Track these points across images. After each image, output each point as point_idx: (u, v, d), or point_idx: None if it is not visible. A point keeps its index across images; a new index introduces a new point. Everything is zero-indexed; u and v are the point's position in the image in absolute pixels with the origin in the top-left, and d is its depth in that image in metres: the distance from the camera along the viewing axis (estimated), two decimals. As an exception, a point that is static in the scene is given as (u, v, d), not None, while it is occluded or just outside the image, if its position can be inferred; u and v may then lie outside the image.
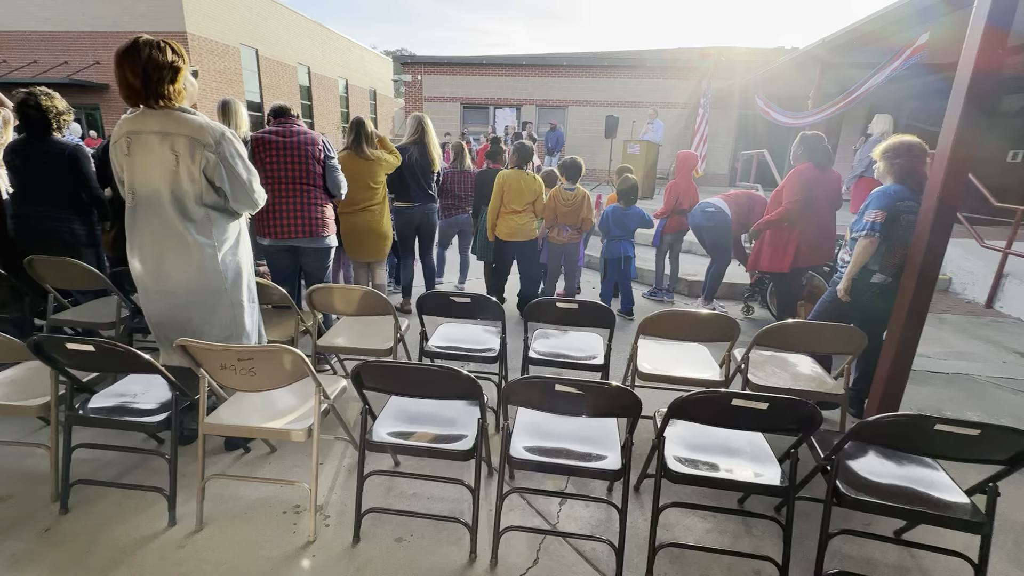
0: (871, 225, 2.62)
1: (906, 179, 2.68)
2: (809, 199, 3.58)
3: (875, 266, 2.70)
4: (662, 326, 2.46)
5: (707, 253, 4.72)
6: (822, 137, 3.69)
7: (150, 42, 1.85)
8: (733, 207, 4.37)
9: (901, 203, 2.60)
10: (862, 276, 2.72)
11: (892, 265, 2.65)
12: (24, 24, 15.88)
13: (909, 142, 2.70)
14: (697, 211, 4.55)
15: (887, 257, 2.66)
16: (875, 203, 2.65)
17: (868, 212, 2.67)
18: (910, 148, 2.68)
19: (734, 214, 4.34)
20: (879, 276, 2.68)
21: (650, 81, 14.58)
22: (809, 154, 3.67)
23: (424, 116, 4.10)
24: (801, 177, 3.61)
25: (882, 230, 2.59)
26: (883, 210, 2.60)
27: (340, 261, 4.33)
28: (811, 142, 3.67)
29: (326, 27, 22.28)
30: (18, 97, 2.82)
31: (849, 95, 6.83)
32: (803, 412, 1.52)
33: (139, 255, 2.01)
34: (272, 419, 1.88)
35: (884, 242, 2.64)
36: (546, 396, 1.63)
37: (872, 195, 2.72)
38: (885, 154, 2.74)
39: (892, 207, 2.60)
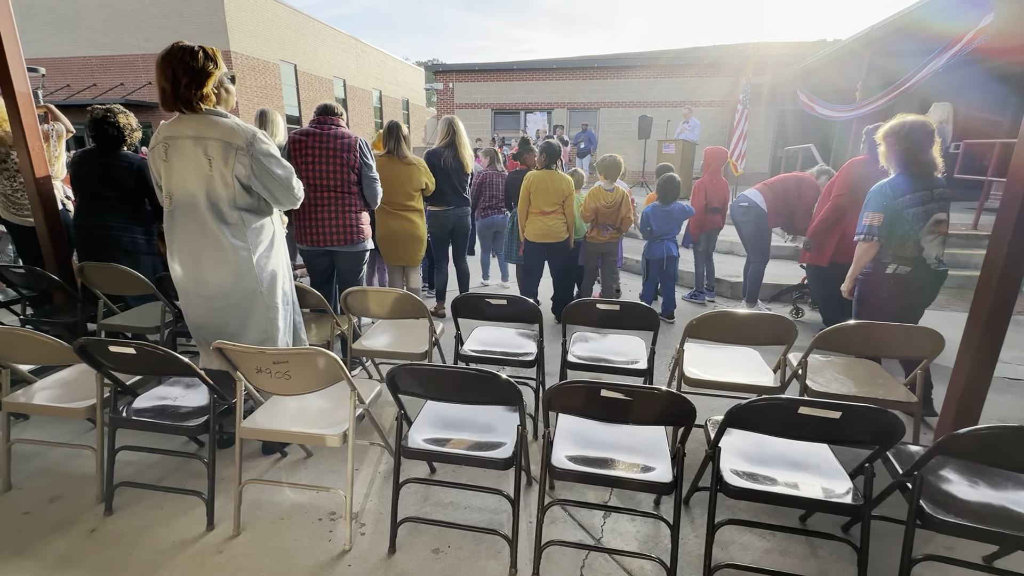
0: (868, 228, 2.52)
1: (909, 167, 2.47)
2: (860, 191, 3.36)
3: (887, 259, 2.56)
4: (710, 328, 2.30)
5: (745, 250, 4.50)
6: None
7: (185, 47, 1.86)
8: (770, 197, 4.13)
9: (900, 200, 2.45)
10: (876, 268, 2.60)
11: (906, 258, 2.51)
12: (85, 50, 17.01)
13: (912, 123, 2.48)
14: (734, 206, 4.36)
15: (898, 251, 2.53)
16: (872, 204, 2.52)
17: (866, 214, 2.54)
18: (911, 131, 2.47)
19: (771, 204, 4.10)
20: (892, 266, 2.54)
21: (684, 80, 14.25)
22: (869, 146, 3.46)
23: (455, 119, 4.07)
24: (852, 169, 3.40)
25: (880, 232, 2.50)
26: (880, 212, 2.47)
27: (375, 265, 4.35)
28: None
29: (361, 41, 22.90)
30: (98, 114, 3.00)
31: (902, 84, 6.42)
32: (882, 423, 1.36)
33: (178, 259, 2.03)
34: (307, 424, 1.84)
35: (892, 239, 2.51)
36: (591, 402, 1.52)
37: (870, 194, 2.56)
38: (886, 138, 2.55)
39: (891, 207, 2.46)
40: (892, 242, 2.53)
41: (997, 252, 2.12)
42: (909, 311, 2.60)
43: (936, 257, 2.51)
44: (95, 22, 16.64)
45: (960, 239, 5.78)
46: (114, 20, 16.47)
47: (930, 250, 2.49)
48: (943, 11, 6.00)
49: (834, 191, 3.45)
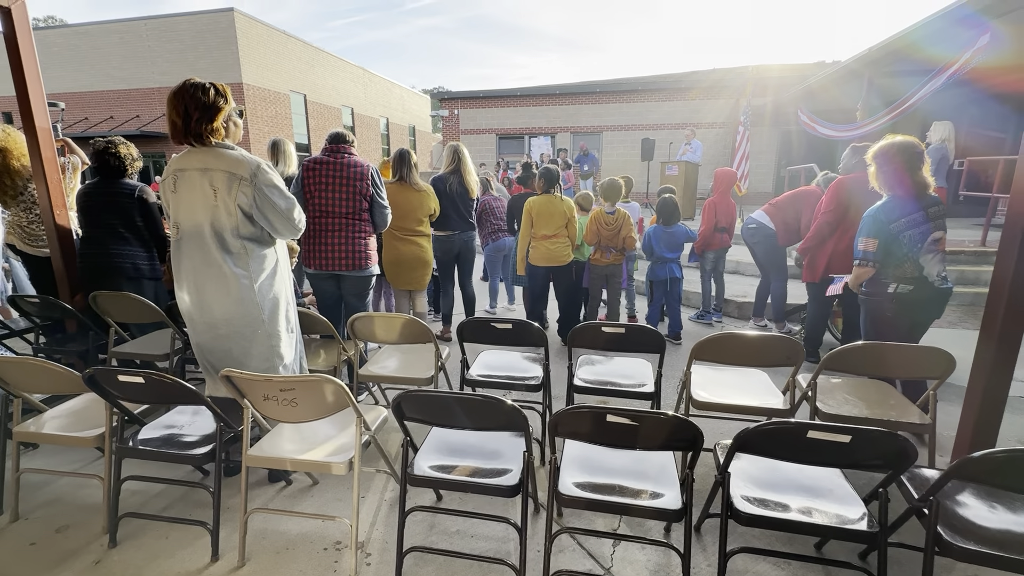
0: (864, 254, 2.55)
1: (898, 186, 2.49)
2: (850, 208, 3.43)
3: (888, 279, 2.56)
4: (717, 350, 2.29)
5: (760, 271, 4.50)
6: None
7: (196, 84, 1.93)
8: (777, 216, 4.16)
9: (894, 224, 2.47)
10: (878, 288, 2.60)
11: (907, 277, 2.52)
12: (103, 84, 17.63)
13: (901, 143, 2.51)
14: (743, 229, 4.39)
15: (898, 271, 2.53)
16: (866, 230, 2.54)
17: (860, 239, 2.57)
18: (900, 152, 2.49)
19: (779, 223, 4.13)
20: (893, 286, 2.54)
21: (685, 102, 14.46)
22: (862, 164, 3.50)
23: (460, 145, 4.15)
24: (840, 188, 3.48)
25: (876, 258, 2.52)
26: (874, 237, 2.50)
27: (381, 289, 4.38)
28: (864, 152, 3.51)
29: (368, 71, 23.54)
30: (99, 145, 3.11)
31: (903, 103, 6.48)
32: (893, 446, 1.34)
33: (184, 287, 2.07)
34: (313, 451, 1.84)
35: (891, 261, 2.53)
36: (597, 428, 1.51)
37: (864, 220, 2.59)
38: (876, 158, 2.58)
39: (884, 232, 2.48)
40: (891, 264, 2.53)
41: (1005, 268, 2.10)
42: (917, 329, 2.58)
43: (938, 274, 2.50)
44: (113, 57, 17.28)
45: (969, 256, 5.74)
46: (131, 55, 17.10)
47: (930, 268, 2.48)
48: (939, 32, 6.09)
49: (822, 208, 3.50)
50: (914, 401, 2.23)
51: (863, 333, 2.79)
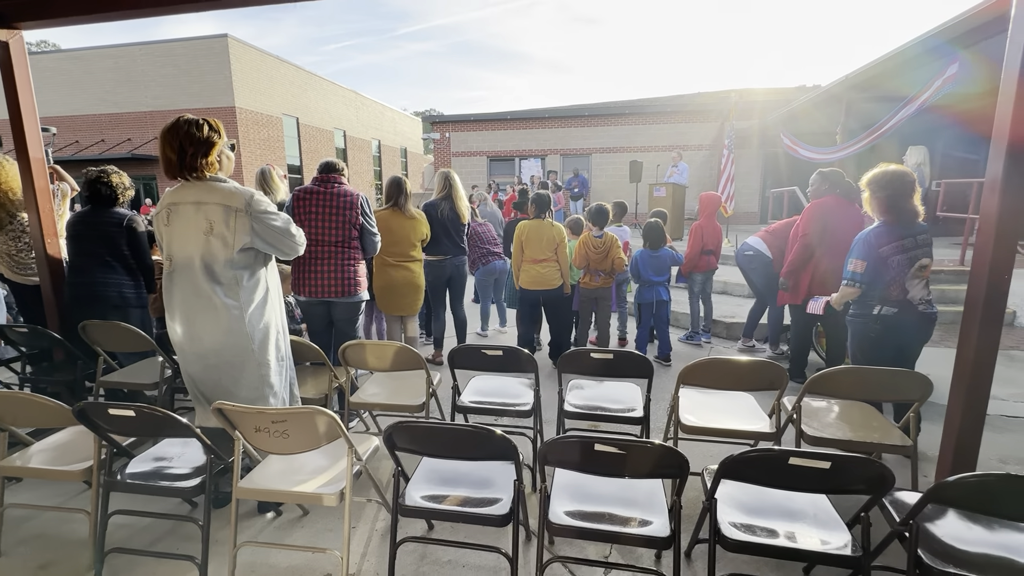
0: (852, 275, 2.64)
1: (888, 212, 2.60)
2: (825, 231, 3.56)
3: (873, 300, 2.65)
4: (703, 375, 2.33)
5: (756, 295, 4.59)
6: (842, 173, 3.74)
7: (190, 120, 1.99)
8: (774, 243, 4.27)
9: (884, 248, 2.56)
10: (864, 309, 2.68)
11: (892, 299, 2.60)
12: (95, 108, 17.69)
13: (894, 172, 2.63)
14: (739, 255, 4.49)
15: (884, 292, 2.61)
16: (856, 252, 2.64)
17: (850, 260, 2.66)
18: (892, 180, 2.61)
19: (775, 250, 4.24)
20: (878, 308, 2.62)
21: (671, 126, 14.81)
22: (833, 187, 3.70)
23: (451, 172, 4.24)
24: (817, 210, 3.61)
25: (863, 279, 2.61)
26: (863, 260, 2.59)
27: (373, 314, 4.40)
28: (834, 176, 3.72)
29: (360, 94, 23.88)
30: (92, 175, 3.13)
31: (879, 128, 6.72)
32: (871, 472, 1.38)
33: (175, 317, 2.08)
34: (304, 482, 1.84)
35: (878, 284, 2.61)
36: (585, 456, 1.54)
37: (855, 242, 2.68)
38: (870, 184, 2.68)
39: (873, 255, 2.57)
40: (878, 287, 2.62)
41: (977, 288, 2.18)
42: (904, 351, 2.65)
43: (921, 299, 2.58)
44: (106, 82, 17.39)
45: (949, 275, 5.89)
46: (124, 80, 17.23)
47: (915, 292, 2.56)
48: (912, 61, 6.36)
49: (800, 232, 3.61)
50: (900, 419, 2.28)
51: (850, 355, 2.85)
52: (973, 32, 5.26)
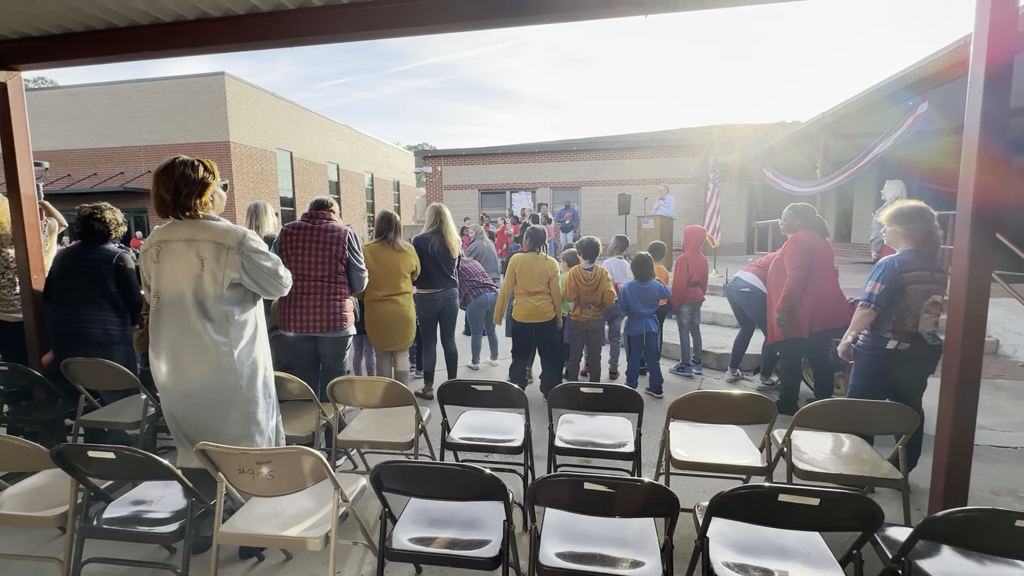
0: (869, 296, 2.65)
1: (923, 246, 2.65)
2: (812, 264, 3.63)
3: (887, 333, 2.67)
4: (693, 409, 2.34)
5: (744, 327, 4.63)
6: (813, 208, 3.85)
7: (185, 161, 2.03)
8: (764, 277, 4.34)
9: (907, 275, 2.59)
10: (876, 343, 2.69)
11: (905, 333, 2.62)
12: (89, 143, 17.84)
13: (919, 206, 2.71)
14: (732, 290, 4.55)
15: (898, 325, 2.64)
16: (877, 275, 2.67)
17: (870, 282, 2.69)
18: (922, 212, 2.69)
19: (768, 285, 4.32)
20: (893, 343, 2.65)
21: (658, 160, 15.23)
22: (806, 222, 3.79)
23: (442, 206, 4.30)
24: (801, 244, 3.68)
25: (880, 302, 2.62)
26: (883, 283, 2.61)
27: (363, 348, 4.37)
28: (805, 212, 3.82)
29: (354, 129, 24.36)
30: (85, 211, 3.13)
31: (856, 163, 6.97)
32: (860, 508, 1.38)
33: (161, 356, 2.06)
34: (288, 525, 1.79)
35: (893, 312, 2.63)
36: (575, 495, 1.52)
37: (879, 266, 2.72)
38: (898, 219, 2.74)
39: (895, 280, 2.60)
40: (893, 314, 2.63)
41: (955, 320, 2.23)
42: (911, 384, 2.69)
43: (929, 332, 2.63)
44: (102, 117, 17.61)
45: (934, 304, 5.99)
46: (120, 115, 17.45)
47: (924, 326, 2.61)
48: (884, 101, 6.68)
49: (788, 266, 3.67)
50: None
51: (850, 387, 2.85)
52: (936, 76, 5.55)
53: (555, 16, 2.51)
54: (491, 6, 2.51)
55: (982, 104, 2.15)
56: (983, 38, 2.15)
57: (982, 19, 2.16)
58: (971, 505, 2.34)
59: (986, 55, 2.14)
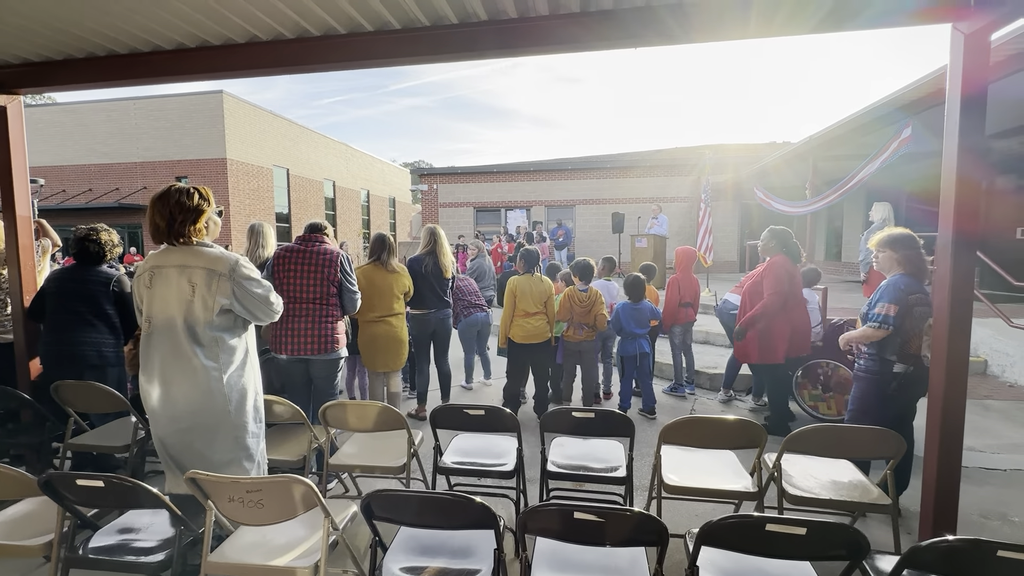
0: (883, 318, 2.66)
1: (915, 271, 2.71)
2: (789, 289, 3.70)
3: (893, 356, 2.69)
4: (685, 433, 2.35)
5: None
6: (790, 232, 3.92)
7: (181, 189, 2.06)
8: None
9: (912, 296, 2.63)
10: (882, 367, 2.71)
11: (910, 355, 2.65)
12: (85, 159, 17.88)
13: (908, 232, 2.78)
14: (723, 312, 4.60)
15: (903, 348, 2.67)
16: (888, 296, 2.68)
17: (880, 304, 2.70)
18: (913, 238, 2.76)
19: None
20: (900, 366, 2.67)
21: (651, 179, 15.43)
22: (782, 247, 3.85)
23: (437, 228, 4.35)
24: (781, 268, 3.74)
25: (895, 323, 2.63)
26: (895, 304, 2.63)
27: (355, 369, 4.36)
28: (783, 236, 3.88)
29: (351, 146, 24.57)
30: (81, 232, 3.13)
31: (844, 185, 7.10)
32: (847, 538, 1.39)
33: (152, 380, 2.06)
34: (277, 555, 1.77)
35: (899, 334, 2.66)
36: (565, 525, 1.53)
37: (884, 287, 2.74)
38: (891, 245, 2.78)
39: (904, 301, 2.63)
40: (899, 337, 2.65)
41: (939, 339, 2.27)
42: (910, 405, 2.74)
43: (924, 354, 2.68)
44: (99, 134, 17.68)
45: (921, 324, 6.07)
46: (117, 132, 17.53)
47: (924, 348, 2.66)
48: (870, 124, 6.84)
49: (768, 289, 3.72)
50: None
51: (849, 411, 2.87)
52: (920, 101, 5.72)
53: (548, 48, 2.60)
54: (483, 39, 2.59)
55: (959, 133, 2.23)
56: (958, 72, 2.24)
57: (956, 53, 2.26)
58: (960, 530, 2.37)
59: (961, 87, 2.22)
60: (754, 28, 2.43)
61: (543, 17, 2.53)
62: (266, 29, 2.67)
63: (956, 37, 2.25)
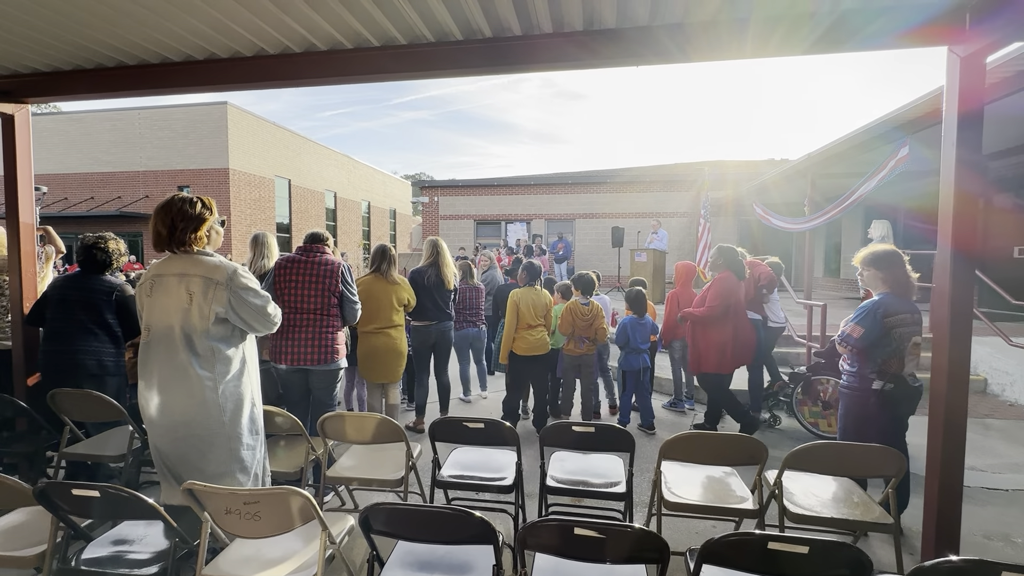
0: (845, 336, 2.73)
1: (900, 288, 2.73)
2: (730, 304, 3.92)
3: (872, 375, 2.71)
4: (685, 449, 2.34)
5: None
6: (736, 250, 4.15)
7: (184, 198, 2.07)
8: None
9: (890, 319, 2.65)
10: (862, 384, 2.73)
11: (890, 374, 2.66)
12: (88, 167, 17.98)
13: (888, 249, 2.81)
14: None
15: (883, 367, 2.68)
16: (858, 318, 2.72)
17: (850, 323, 2.75)
18: (897, 255, 2.78)
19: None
20: (879, 383, 2.68)
21: (651, 194, 15.54)
22: (728, 264, 4.07)
23: (439, 240, 4.37)
24: (724, 284, 3.95)
25: (856, 345, 2.68)
26: (863, 328, 2.67)
27: (354, 380, 4.34)
28: (729, 254, 4.11)
29: (352, 158, 24.76)
30: (89, 240, 3.11)
31: (842, 202, 7.15)
32: (849, 557, 1.38)
33: (150, 388, 2.06)
34: (272, 568, 1.75)
35: (878, 355, 2.68)
36: (565, 541, 1.51)
37: (861, 309, 2.77)
38: (876, 264, 2.79)
39: (878, 325, 2.65)
40: (879, 357, 2.67)
41: (940, 359, 2.27)
42: (895, 423, 2.72)
43: (911, 374, 2.68)
44: (102, 143, 17.80)
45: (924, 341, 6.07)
46: (121, 141, 17.65)
47: (908, 368, 2.66)
48: (868, 143, 6.91)
49: (710, 300, 3.96)
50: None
51: (839, 428, 2.87)
52: (918, 120, 5.79)
53: (551, 65, 2.64)
54: (487, 56, 2.63)
55: (956, 154, 2.26)
56: (954, 93, 2.28)
57: (952, 75, 2.30)
58: (963, 550, 2.35)
59: (957, 109, 2.26)
60: (751, 49, 2.48)
61: (546, 35, 2.57)
62: (274, 43, 2.72)
63: (952, 60, 2.29)
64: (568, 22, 2.48)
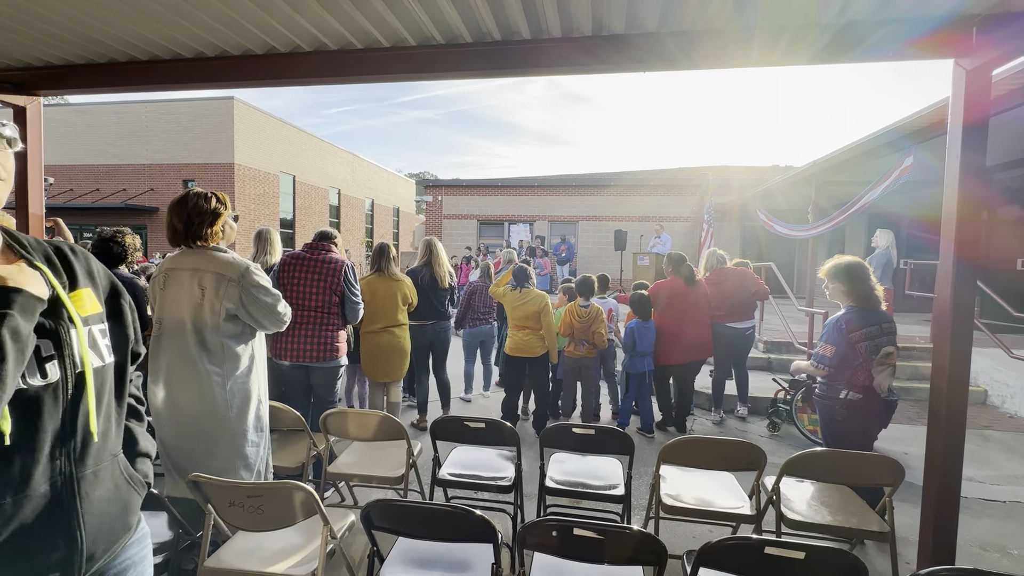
0: (820, 358, 2.76)
1: (857, 299, 2.74)
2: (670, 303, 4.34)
3: (839, 384, 2.72)
4: (684, 453, 2.36)
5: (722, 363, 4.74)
6: (684, 257, 4.50)
7: (199, 194, 2.10)
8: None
9: (854, 334, 2.66)
10: (831, 392, 2.75)
11: (859, 385, 2.67)
12: (94, 159, 18.05)
13: (853, 261, 2.81)
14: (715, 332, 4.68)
15: (851, 379, 2.69)
16: (827, 337, 2.74)
17: (821, 343, 2.78)
18: (861, 267, 2.77)
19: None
20: (844, 392, 2.70)
21: (654, 198, 15.55)
22: (676, 270, 4.41)
23: (434, 239, 4.39)
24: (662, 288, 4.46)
25: (831, 364, 2.70)
26: (833, 345, 2.69)
27: (355, 378, 4.36)
28: (676, 260, 4.47)
29: (357, 155, 24.80)
30: (107, 234, 3.18)
31: (846, 210, 7.16)
32: (846, 564, 1.39)
33: (158, 382, 2.09)
34: (274, 561, 1.77)
35: (845, 368, 2.69)
36: (564, 541, 1.53)
37: (827, 327, 2.79)
38: (838, 278, 2.79)
39: (844, 341, 2.67)
40: (845, 372, 2.70)
41: (940, 367, 2.28)
42: (868, 434, 2.72)
43: (888, 387, 2.67)
44: (109, 135, 17.86)
45: (921, 352, 6.08)
46: (128, 133, 17.72)
47: (880, 380, 2.64)
48: (873, 151, 6.92)
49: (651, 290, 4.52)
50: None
51: (822, 435, 2.92)
52: (923, 131, 5.80)
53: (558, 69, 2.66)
54: (496, 58, 2.65)
55: (960, 165, 2.27)
56: (959, 105, 2.29)
57: (958, 87, 2.31)
58: (958, 561, 2.36)
59: (962, 120, 2.27)
60: (756, 57, 2.49)
61: (555, 39, 2.59)
62: (284, 42, 2.74)
63: (958, 72, 2.30)
64: (577, 27, 2.50)
